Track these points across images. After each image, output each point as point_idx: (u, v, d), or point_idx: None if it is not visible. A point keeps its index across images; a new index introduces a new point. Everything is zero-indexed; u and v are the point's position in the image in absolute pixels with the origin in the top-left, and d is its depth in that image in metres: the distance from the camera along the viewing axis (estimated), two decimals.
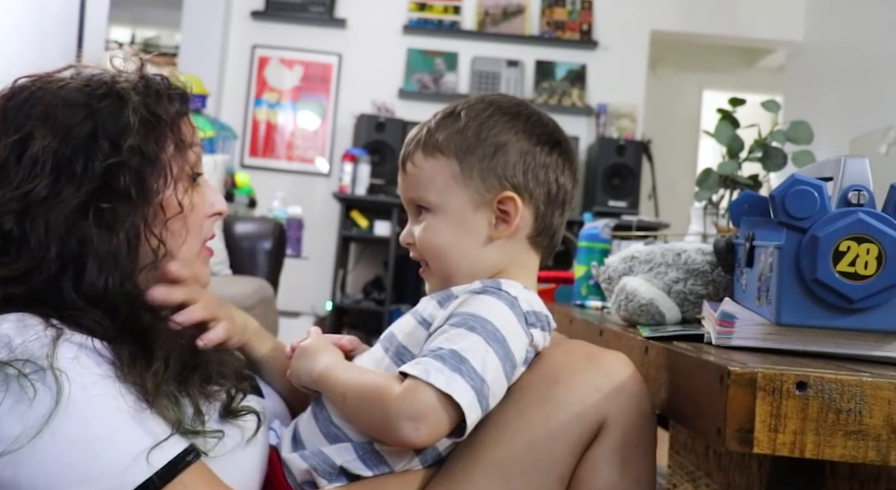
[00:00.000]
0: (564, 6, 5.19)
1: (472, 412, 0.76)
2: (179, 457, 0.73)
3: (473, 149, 0.88)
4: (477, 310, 0.81)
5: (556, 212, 0.91)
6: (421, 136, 0.91)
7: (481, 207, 0.88)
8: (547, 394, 0.81)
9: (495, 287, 0.84)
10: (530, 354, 0.85)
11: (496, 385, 0.79)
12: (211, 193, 0.92)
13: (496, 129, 0.89)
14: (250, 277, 2.91)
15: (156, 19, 6.63)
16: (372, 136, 4.79)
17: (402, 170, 0.93)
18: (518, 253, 0.90)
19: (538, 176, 0.89)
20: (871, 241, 0.72)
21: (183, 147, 0.86)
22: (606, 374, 0.82)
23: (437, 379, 0.75)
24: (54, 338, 0.73)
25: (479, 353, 0.78)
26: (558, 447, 0.80)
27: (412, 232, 0.92)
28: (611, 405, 0.81)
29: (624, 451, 0.81)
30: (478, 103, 0.91)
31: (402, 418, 0.75)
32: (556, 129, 0.93)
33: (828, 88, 4.77)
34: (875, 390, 0.65)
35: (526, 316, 0.83)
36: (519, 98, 0.95)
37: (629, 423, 0.81)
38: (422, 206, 0.91)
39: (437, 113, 0.93)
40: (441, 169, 0.89)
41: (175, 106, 0.88)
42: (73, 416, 0.70)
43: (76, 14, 2.87)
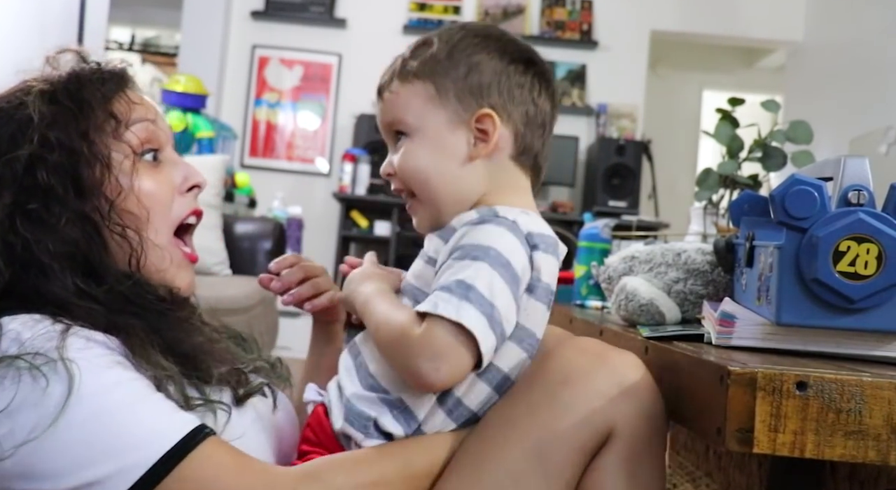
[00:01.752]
0: (564, 6, 5.19)
1: (485, 339, 0.75)
2: (198, 428, 0.73)
3: (447, 70, 0.88)
4: (477, 239, 0.81)
5: (535, 132, 0.90)
6: (395, 65, 0.92)
7: (459, 127, 0.88)
8: (557, 394, 0.80)
9: (493, 213, 0.84)
10: (537, 282, 0.83)
11: (506, 308, 0.78)
12: (181, 168, 0.91)
13: (469, 51, 0.89)
14: (250, 277, 2.91)
15: (156, 19, 6.63)
16: (372, 136, 4.79)
17: (378, 99, 0.93)
18: (503, 173, 0.89)
19: (514, 95, 0.89)
20: (871, 241, 0.72)
21: (117, 127, 0.85)
22: (616, 378, 0.80)
23: (445, 309, 0.75)
24: (63, 331, 0.74)
25: (485, 278, 0.77)
26: (566, 451, 0.78)
27: (391, 162, 0.92)
28: (619, 412, 0.78)
29: (632, 461, 0.79)
30: (450, 28, 0.92)
31: (421, 359, 0.76)
32: (529, 49, 0.93)
33: (828, 88, 4.77)
34: (875, 390, 0.65)
35: (528, 237, 0.83)
36: (490, 23, 0.96)
37: (638, 430, 0.79)
38: (399, 132, 0.90)
39: (413, 43, 0.94)
40: (417, 92, 0.89)
41: (104, 87, 0.86)
42: (87, 399, 0.70)
43: (76, 14, 2.87)
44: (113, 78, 0.87)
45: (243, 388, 0.85)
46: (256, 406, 0.86)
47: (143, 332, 0.79)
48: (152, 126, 0.88)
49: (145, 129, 0.87)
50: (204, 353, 0.84)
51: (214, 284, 2.46)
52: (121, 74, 0.89)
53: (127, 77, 0.90)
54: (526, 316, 0.84)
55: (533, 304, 0.84)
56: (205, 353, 0.84)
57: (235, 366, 0.88)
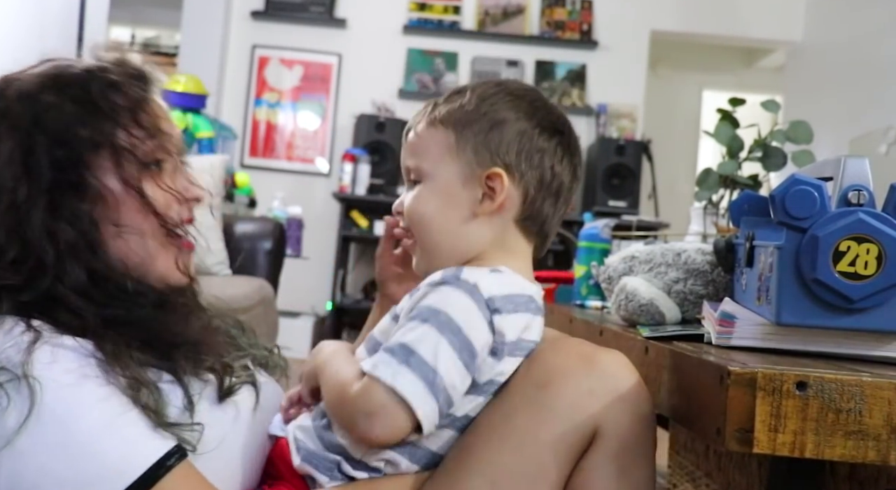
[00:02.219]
0: (564, 6, 5.19)
1: (423, 404, 0.75)
2: (161, 461, 0.72)
3: (471, 122, 0.88)
4: (433, 301, 0.80)
5: (547, 200, 0.89)
6: (427, 109, 0.92)
7: (470, 182, 0.87)
8: (536, 398, 0.79)
9: (455, 276, 0.82)
10: (502, 345, 0.81)
11: (452, 375, 0.77)
12: (183, 179, 0.91)
13: (497, 107, 0.88)
14: (250, 277, 2.91)
15: (156, 19, 6.63)
16: (372, 136, 4.79)
17: (405, 139, 0.93)
18: (504, 235, 0.88)
19: (532, 159, 0.88)
20: (871, 241, 0.72)
21: (140, 135, 0.85)
22: (602, 376, 0.79)
23: (383, 372, 0.75)
24: (31, 342, 0.72)
25: (430, 343, 0.76)
26: (548, 454, 0.77)
27: (403, 201, 0.92)
28: (606, 410, 0.78)
29: (621, 459, 0.78)
30: (487, 83, 0.92)
31: (357, 415, 0.76)
32: (561, 118, 0.92)
33: (828, 88, 4.77)
34: (875, 390, 0.65)
35: (488, 302, 0.80)
36: (531, 86, 0.95)
37: (626, 428, 0.78)
38: (415, 179, 0.90)
39: (451, 89, 0.94)
40: (438, 139, 0.89)
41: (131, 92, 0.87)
42: (47, 424, 0.69)
43: (76, 14, 2.87)
44: (138, 81, 0.88)
45: (229, 380, 0.84)
46: (239, 403, 0.85)
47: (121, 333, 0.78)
48: (169, 138, 0.89)
49: (157, 142, 0.88)
50: (194, 344, 0.84)
51: (214, 284, 2.45)
52: (146, 77, 0.90)
53: (151, 81, 0.90)
54: (499, 373, 0.82)
55: (504, 362, 0.82)
56: (195, 343, 0.84)
57: (225, 357, 0.87)
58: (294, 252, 4.22)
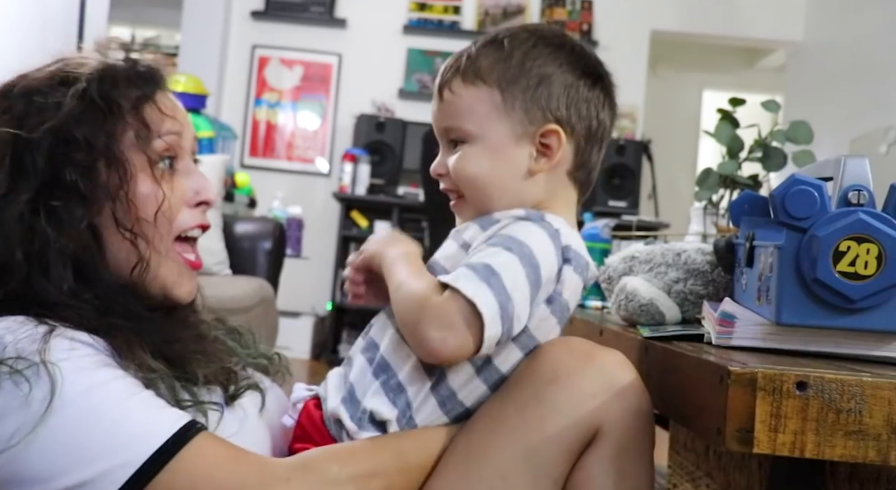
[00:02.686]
0: (564, 6, 5.19)
1: (492, 326, 0.75)
2: (188, 424, 0.73)
3: (517, 79, 0.86)
4: (517, 233, 0.81)
5: (594, 148, 0.90)
6: (461, 62, 0.89)
7: (522, 139, 0.86)
8: (544, 393, 0.80)
9: (539, 216, 0.83)
10: (558, 296, 0.83)
11: (521, 307, 0.78)
12: (196, 183, 0.89)
13: (540, 60, 0.87)
14: (250, 277, 2.91)
15: (156, 19, 6.63)
16: (372, 136, 4.79)
17: (437, 97, 0.91)
18: (557, 188, 0.89)
19: (580, 110, 0.87)
20: (871, 241, 0.72)
21: (145, 135, 0.83)
22: (604, 376, 0.80)
23: (464, 286, 0.75)
24: (46, 333, 0.73)
25: (512, 271, 0.77)
26: (553, 450, 0.78)
27: (445, 162, 0.90)
28: (607, 410, 0.78)
29: (620, 459, 0.79)
30: (521, 32, 0.89)
31: (431, 327, 0.76)
32: (598, 62, 0.91)
33: (828, 88, 4.77)
34: (875, 390, 0.65)
35: (565, 249, 0.82)
36: (560, 28, 0.94)
37: (625, 429, 0.79)
38: (457, 139, 0.88)
39: (477, 40, 0.91)
40: (482, 98, 0.87)
41: (137, 90, 0.84)
42: (71, 402, 0.70)
43: (76, 14, 2.87)
44: (148, 80, 0.86)
45: (234, 387, 0.84)
46: (246, 406, 0.85)
47: (131, 333, 0.78)
48: (176, 138, 0.87)
49: (168, 141, 0.86)
50: (194, 354, 0.83)
51: (214, 284, 2.45)
52: (156, 76, 0.87)
53: (160, 79, 0.88)
54: (536, 325, 0.83)
55: (547, 317, 0.84)
56: (196, 353, 0.83)
57: (227, 364, 0.87)
58: (294, 252, 4.23)
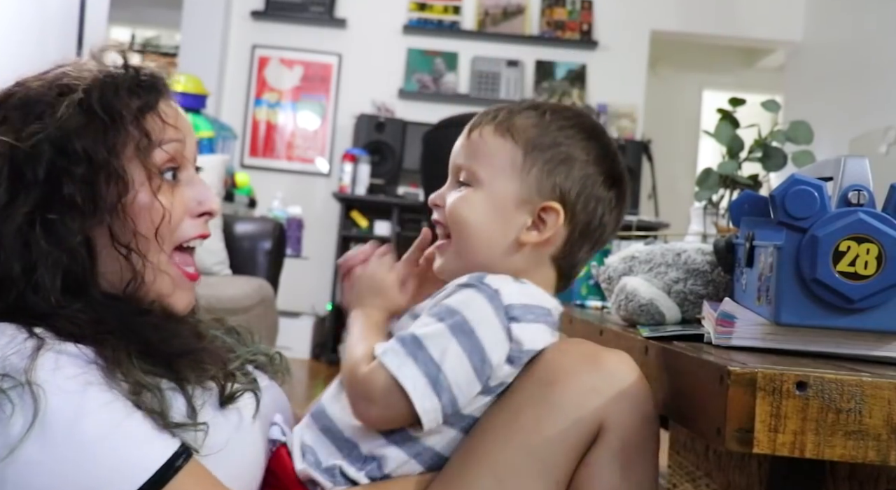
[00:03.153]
0: (564, 6, 5.19)
1: (423, 400, 0.76)
2: (170, 461, 0.71)
3: (544, 148, 0.87)
4: (453, 302, 0.81)
5: (585, 245, 0.90)
6: (500, 114, 0.90)
7: (524, 206, 0.87)
8: (542, 395, 0.79)
9: (479, 279, 0.83)
10: (518, 353, 0.82)
11: (458, 375, 0.77)
12: (199, 193, 0.87)
13: (572, 142, 0.88)
14: (250, 277, 2.91)
15: (156, 19, 6.63)
16: (372, 136, 4.79)
17: (465, 135, 0.91)
18: (539, 265, 0.89)
19: (588, 204, 0.88)
20: (871, 241, 0.72)
21: (147, 145, 0.81)
22: (606, 375, 0.80)
23: (390, 360, 0.77)
24: (35, 349, 0.71)
25: (440, 341, 0.78)
26: (554, 451, 0.78)
27: (444, 196, 0.90)
28: (610, 408, 0.78)
29: (624, 456, 0.79)
30: (566, 111, 0.91)
31: (358, 396, 0.80)
32: (623, 170, 0.92)
33: (828, 88, 4.77)
34: (875, 390, 0.65)
35: (507, 309, 0.81)
36: (598, 124, 0.95)
37: (630, 426, 0.79)
38: (465, 181, 0.89)
39: (525, 101, 0.93)
40: (505, 150, 0.87)
41: (139, 100, 0.82)
42: (53, 429, 0.68)
43: (76, 14, 2.87)
44: (150, 89, 0.84)
45: (231, 387, 0.83)
46: (241, 409, 0.84)
47: (122, 341, 0.76)
48: (180, 147, 0.85)
49: (171, 151, 0.84)
50: (192, 354, 0.82)
51: (214, 284, 2.46)
52: (156, 87, 0.85)
53: (163, 87, 0.86)
54: (510, 375, 0.83)
55: (515, 372, 0.83)
56: (193, 352, 0.82)
57: (225, 364, 0.86)
58: (294, 252, 4.23)
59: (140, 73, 0.85)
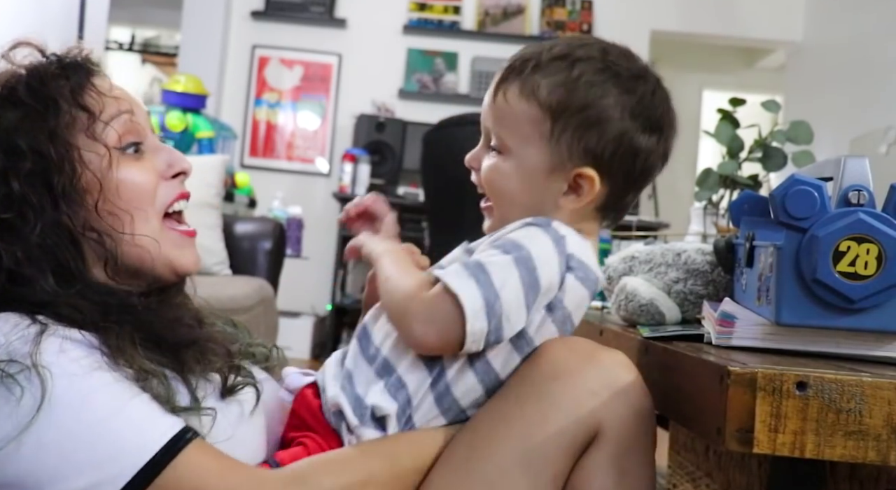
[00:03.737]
0: (564, 6, 5.19)
1: (475, 320, 0.75)
2: (179, 434, 0.72)
3: (573, 112, 0.83)
4: (518, 237, 0.81)
5: (631, 190, 0.88)
6: (526, 68, 0.85)
7: (556, 172, 0.85)
8: (545, 389, 0.79)
9: (547, 222, 0.83)
10: (559, 304, 0.82)
11: (512, 306, 0.77)
12: (164, 155, 0.87)
13: (604, 100, 0.83)
14: (250, 277, 2.91)
15: (156, 19, 6.63)
16: (372, 136, 4.79)
17: (492, 93, 0.88)
18: (581, 220, 0.87)
19: (626, 160, 0.84)
20: (871, 241, 0.72)
21: (92, 123, 0.80)
22: (605, 376, 0.79)
23: (451, 280, 0.76)
24: (38, 333, 0.72)
25: (503, 270, 0.77)
26: (553, 448, 0.78)
27: (480, 159, 0.89)
28: (607, 410, 0.78)
29: (621, 460, 0.78)
30: (596, 60, 0.85)
31: (416, 320, 0.78)
32: (666, 112, 0.87)
33: (828, 88, 4.77)
34: (875, 390, 0.65)
35: (568, 257, 0.82)
36: (641, 64, 0.87)
37: (626, 429, 0.79)
38: (495, 146, 0.87)
39: (553, 46, 0.86)
40: (532, 117, 0.84)
41: (70, 80, 0.81)
42: (62, 409, 0.69)
43: (76, 14, 2.87)
44: (78, 68, 0.83)
45: (234, 378, 0.83)
46: (242, 402, 0.84)
47: (125, 328, 0.77)
48: (130, 117, 0.84)
49: (123, 123, 0.83)
50: (193, 344, 0.82)
51: (214, 284, 2.45)
52: (85, 64, 0.84)
53: (92, 65, 0.85)
54: (537, 332, 0.83)
55: (548, 325, 0.83)
56: (194, 343, 0.83)
57: (230, 355, 0.87)
58: (294, 252, 4.22)
59: (64, 57, 0.84)
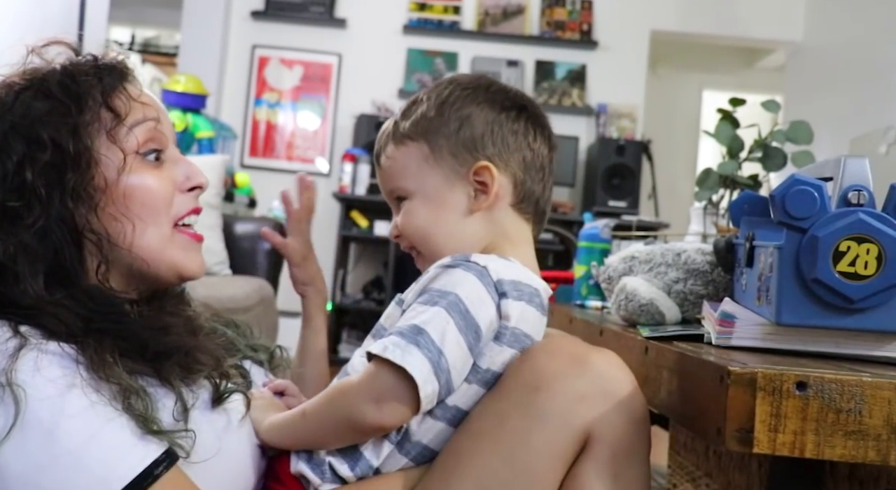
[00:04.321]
0: (564, 6, 5.19)
1: (426, 384, 0.74)
2: (148, 470, 0.70)
3: (439, 127, 0.88)
4: (442, 284, 0.80)
5: (535, 177, 0.90)
6: (389, 128, 0.92)
7: (457, 183, 0.88)
8: (528, 402, 0.77)
9: (464, 259, 0.83)
10: (505, 330, 0.81)
11: (457, 357, 0.77)
12: (183, 167, 0.87)
13: (458, 104, 0.89)
14: (250, 277, 2.91)
15: (156, 19, 6.62)
16: (372, 136, 4.78)
17: (378, 166, 0.93)
18: (504, 223, 0.89)
19: (508, 143, 0.89)
20: (871, 241, 0.72)
21: (116, 126, 0.81)
22: (594, 379, 0.77)
23: (393, 353, 0.75)
24: (17, 348, 0.70)
25: (439, 323, 0.77)
26: (540, 460, 0.76)
27: (396, 223, 0.92)
28: (598, 415, 0.76)
29: (614, 465, 0.77)
30: (438, 85, 0.92)
31: (364, 401, 0.76)
32: (519, 94, 0.93)
33: (828, 88, 4.77)
34: (875, 390, 0.65)
35: (497, 284, 0.81)
36: (479, 73, 0.95)
37: (619, 433, 0.77)
38: (401, 197, 0.91)
39: (406, 102, 0.94)
40: (412, 154, 0.89)
41: (101, 82, 0.81)
42: (31, 434, 0.67)
43: (76, 14, 2.87)
44: (111, 71, 0.83)
45: (224, 387, 0.82)
46: (230, 411, 0.83)
47: (105, 340, 0.75)
48: (155, 125, 0.84)
49: (148, 130, 0.83)
50: (177, 353, 0.80)
51: (214, 284, 2.45)
52: (120, 68, 0.85)
53: (126, 70, 0.85)
54: (491, 361, 0.82)
55: (500, 350, 0.82)
56: (179, 351, 0.80)
57: (220, 362, 0.85)
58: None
59: (99, 59, 0.84)
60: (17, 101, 0.78)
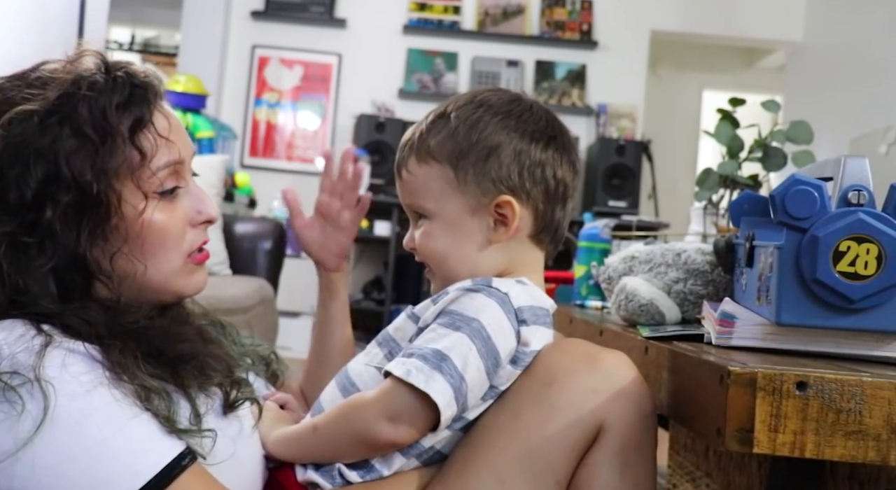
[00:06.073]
0: (564, 6, 5.19)
1: (447, 410, 0.76)
2: (175, 461, 0.72)
3: (466, 153, 0.86)
4: (465, 308, 0.81)
5: (556, 207, 0.89)
6: (413, 140, 0.90)
7: (478, 212, 0.87)
8: (542, 396, 0.80)
9: (486, 284, 0.83)
10: (523, 355, 0.83)
11: (475, 383, 0.79)
12: (197, 201, 0.87)
13: (488, 131, 0.87)
14: (250, 277, 2.91)
15: (156, 19, 6.63)
16: (372, 136, 4.79)
17: (398, 176, 0.92)
18: (520, 252, 0.89)
19: (534, 174, 0.87)
20: (871, 241, 0.72)
21: (141, 166, 0.80)
22: (605, 374, 0.80)
23: (416, 378, 0.76)
24: (43, 346, 0.71)
25: (462, 350, 0.78)
26: (554, 451, 0.79)
27: (413, 237, 0.92)
28: (609, 408, 0.79)
29: (623, 456, 0.79)
30: (468, 104, 0.89)
31: (380, 419, 0.77)
32: (550, 122, 0.91)
33: (828, 88, 4.77)
34: (875, 390, 0.65)
35: (517, 312, 0.83)
36: (512, 92, 0.92)
37: (628, 425, 0.80)
38: (420, 213, 0.90)
39: (430, 113, 0.92)
40: (435, 176, 0.88)
41: (131, 115, 0.79)
42: (61, 427, 0.69)
43: (76, 14, 2.87)
44: (142, 101, 0.81)
45: (234, 394, 0.83)
46: (242, 418, 0.84)
47: (128, 344, 0.76)
48: (180, 167, 0.84)
49: (171, 172, 0.83)
50: (192, 359, 0.81)
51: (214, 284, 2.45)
52: (150, 94, 0.82)
53: (154, 97, 0.83)
54: (507, 381, 0.84)
55: (514, 373, 0.84)
56: (194, 358, 0.82)
57: (231, 370, 0.86)
58: (294, 252, 4.22)
59: (133, 80, 0.82)
60: (44, 127, 0.76)
